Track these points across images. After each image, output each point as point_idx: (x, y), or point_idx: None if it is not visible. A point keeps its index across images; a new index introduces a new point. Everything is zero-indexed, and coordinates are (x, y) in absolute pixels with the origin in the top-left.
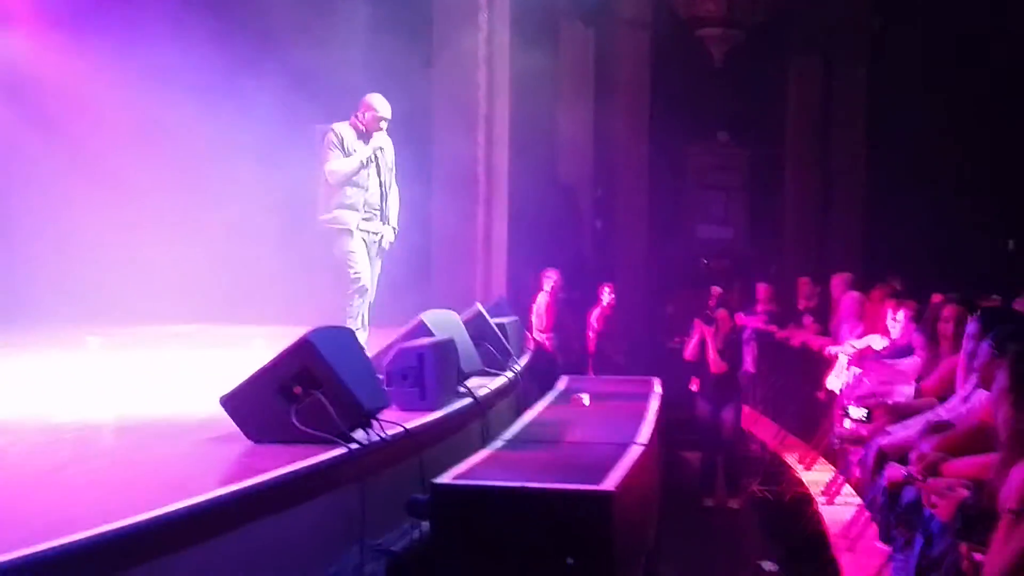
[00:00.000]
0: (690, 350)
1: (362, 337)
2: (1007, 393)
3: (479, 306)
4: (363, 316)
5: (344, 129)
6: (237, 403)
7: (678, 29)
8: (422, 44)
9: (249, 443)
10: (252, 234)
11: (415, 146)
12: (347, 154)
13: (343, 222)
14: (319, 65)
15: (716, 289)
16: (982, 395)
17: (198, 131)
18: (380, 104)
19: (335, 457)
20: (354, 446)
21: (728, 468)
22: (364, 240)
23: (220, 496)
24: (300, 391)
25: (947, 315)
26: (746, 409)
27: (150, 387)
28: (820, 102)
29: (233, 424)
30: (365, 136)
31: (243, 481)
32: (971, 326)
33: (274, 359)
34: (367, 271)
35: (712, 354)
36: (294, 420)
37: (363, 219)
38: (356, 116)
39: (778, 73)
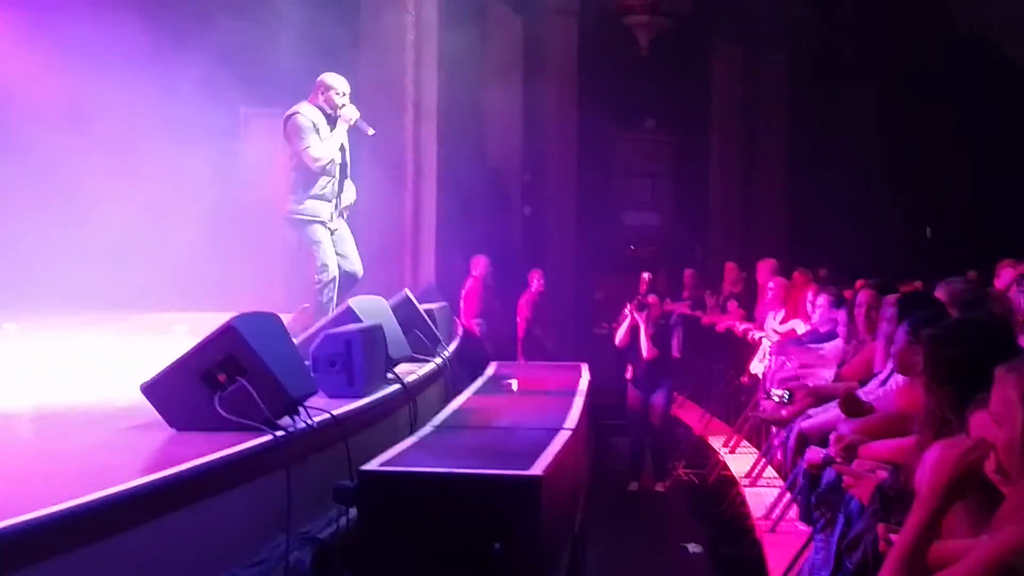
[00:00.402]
0: (621, 336)
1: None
2: (921, 377)
3: (407, 292)
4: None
5: (311, 112)
6: (159, 390)
7: (605, 17)
8: (350, 24)
9: (172, 431)
10: (175, 218)
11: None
12: (321, 138)
13: (314, 213)
14: (246, 44)
15: (647, 275)
16: (899, 379)
17: (119, 111)
18: (336, 81)
19: (260, 444)
20: (280, 433)
21: (656, 453)
22: (329, 229)
23: (141, 485)
24: (224, 378)
25: (861, 300)
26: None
27: (69, 375)
28: (744, 89)
29: (155, 412)
30: (331, 118)
31: (165, 470)
32: (888, 311)
33: (197, 345)
34: (334, 261)
35: (645, 340)
36: (218, 407)
37: (332, 209)
38: (314, 98)
39: (703, 60)
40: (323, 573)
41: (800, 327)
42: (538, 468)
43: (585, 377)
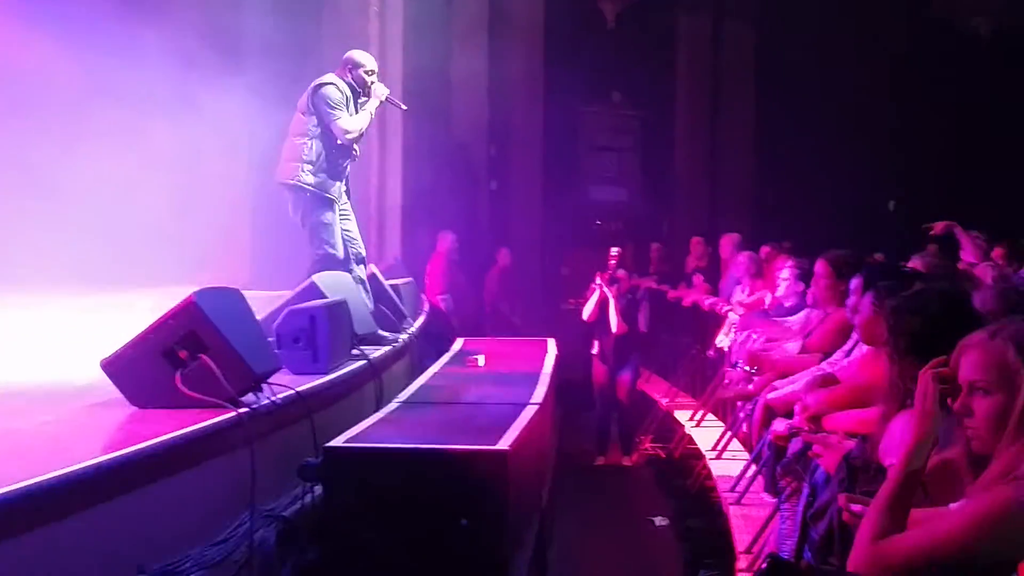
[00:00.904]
0: (590, 310)
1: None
2: (885, 347)
3: (373, 268)
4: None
5: (342, 85)
6: (119, 368)
7: None
8: None
9: (133, 409)
10: (138, 191)
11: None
12: (352, 112)
13: (325, 188)
14: (209, 11)
15: (616, 249)
16: (864, 350)
17: (79, 81)
18: (365, 58)
19: (223, 421)
20: (243, 410)
21: (622, 427)
22: (337, 207)
23: (102, 463)
24: (186, 355)
25: (818, 272)
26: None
27: (28, 353)
28: (710, 63)
29: (116, 390)
30: (356, 94)
31: (127, 447)
32: (854, 282)
33: (157, 321)
34: (340, 242)
35: (615, 315)
36: (179, 384)
37: (343, 187)
38: (342, 73)
39: (669, 34)
40: (288, 551)
41: (766, 300)
42: (504, 443)
43: (552, 352)
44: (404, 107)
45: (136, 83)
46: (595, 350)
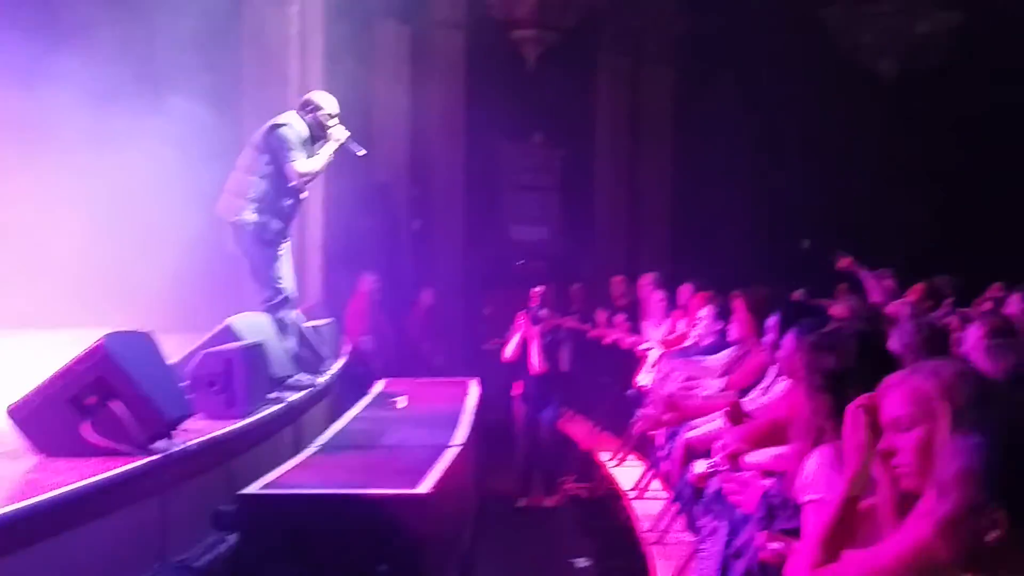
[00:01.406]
0: (510, 351)
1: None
2: (801, 383)
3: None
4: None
5: (300, 125)
6: (25, 415)
7: (493, 30)
8: (234, 26)
9: (39, 457)
10: (57, 229)
11: (225, 141)
12: (309, 154)
13: (274, 229)
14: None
15: (538, 289)
16: (782, 386)
17: None
18: (326, 100)
19: (132, 470)
20: (153, 458)
21: (544, 468)
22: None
23: (5, 514)
24: (94, 401)
25: (738, 309)
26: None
27: None
28: (630, 103)
29: (21, 437)
30: (315, 136)
31: (29, 499)
32: (772, 319)
33: (64, 366)
34: (290, 281)
35: (536, 354)
36: (88, 432)
37: (287, 228)
38: (302, 113)
39: (589, 75)
40: None
41: (684, 339)
42: (424, 486)
43: (474, 393)
44: (363, 152)
45: (46, 118)
46: (517, 391)
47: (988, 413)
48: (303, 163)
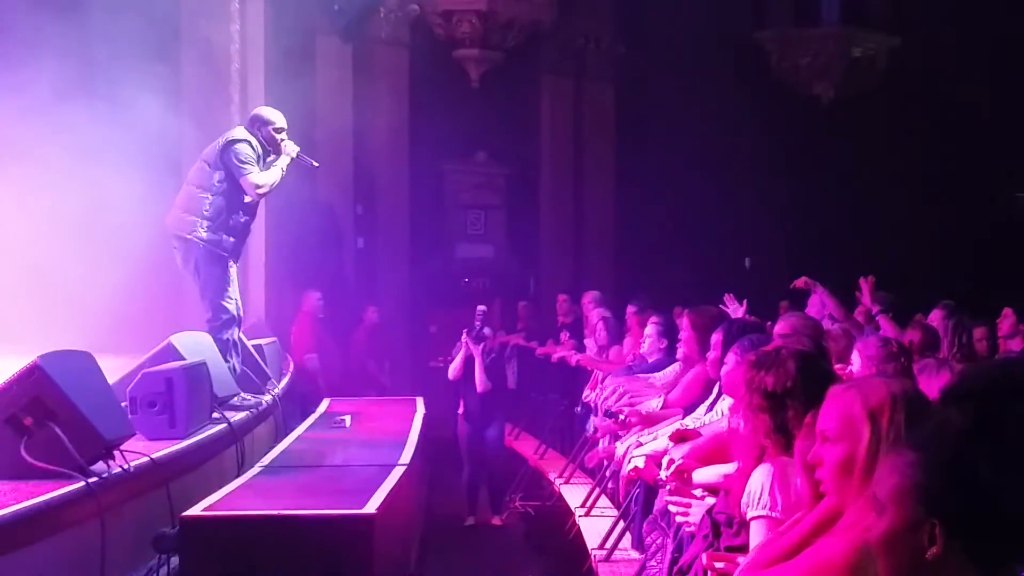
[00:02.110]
0: (455, 369)
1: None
2: (743, 401)
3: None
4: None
5: (254, 141)
6: None
7: (436, 49)
8: (170, 38)
9: None
10: None
11: (166, 160)
12: (262, 169)
13: (225, 248)
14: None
15: (481, 308)
16: (726, 404)
17: None
18: (275, 116)
19: (70, 492)
20: (93, 480)
21: (492, 486)
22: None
23: None
24: (31, 422)
25: (684, 327)
26: (508, 426)
27: None
28: (572, 121)
29: None
30: (266, 151)
31: None
32: (716, 336)
33: (1, 386)
34: (236, 302)
35: (480, 373)
36: (24, 454)
37: (240, 246)
38: (252, 129)
39: (533, 93)
40: None
41: (629, 356)
42: (371, 506)
43: (420, 412)
44: (316, 164)
45: None
46: (461, 409)
47: (922, 430)
48: (258, 176)
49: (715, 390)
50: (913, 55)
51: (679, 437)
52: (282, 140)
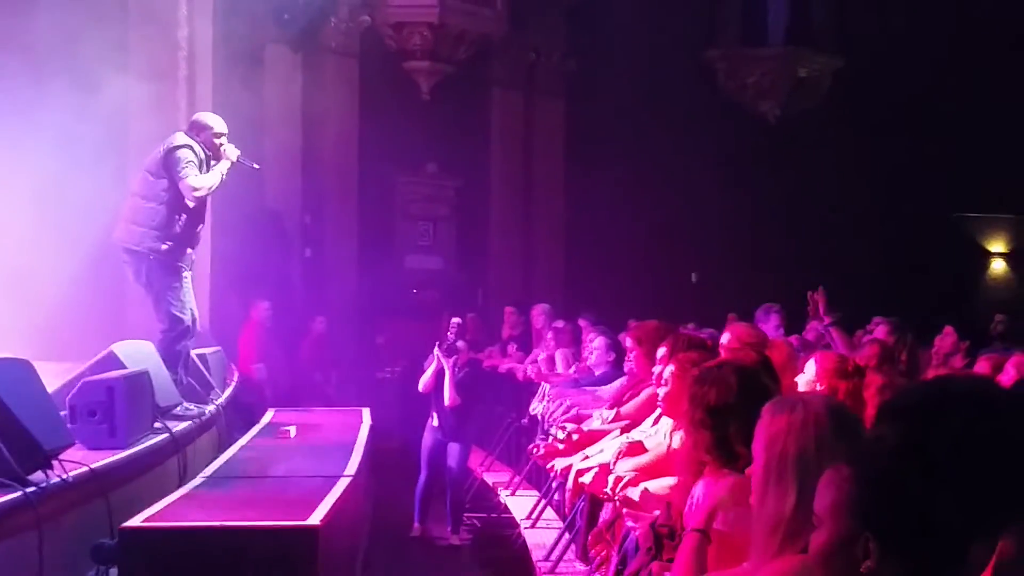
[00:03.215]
0: (426, 382)
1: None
2: (685, 416)
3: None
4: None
5: (197, 147)
6: None
7: (386, 60)
8: (118, 42)
9: None
10: None
11: (114, 168)
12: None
13: (176, 257)
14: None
15: (456, 320)
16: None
17: None
18: (215, 121)
19: (8, 502)
20: (30, 489)
21: (452, 503)
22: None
23: None
24: None
25: (631, 342)
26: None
27: None
28: (522, 134)
29: None
30: (208, 157)
31: None
32: (662, 350)
33: None
34: (190, 311)
35: (449, 387)
36: None
37: (192, 254)
38: (191, 135)
39: (483, 106)
40: None
41: (575, 368)
42: (315, 518)
43: (366, 422)
44: (256, 167)
45: None
46: (434, 421)
47: (858, 447)
48: (196, 179)
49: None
50: (857, 76)
51: (630, 449)
52: (222, 145)
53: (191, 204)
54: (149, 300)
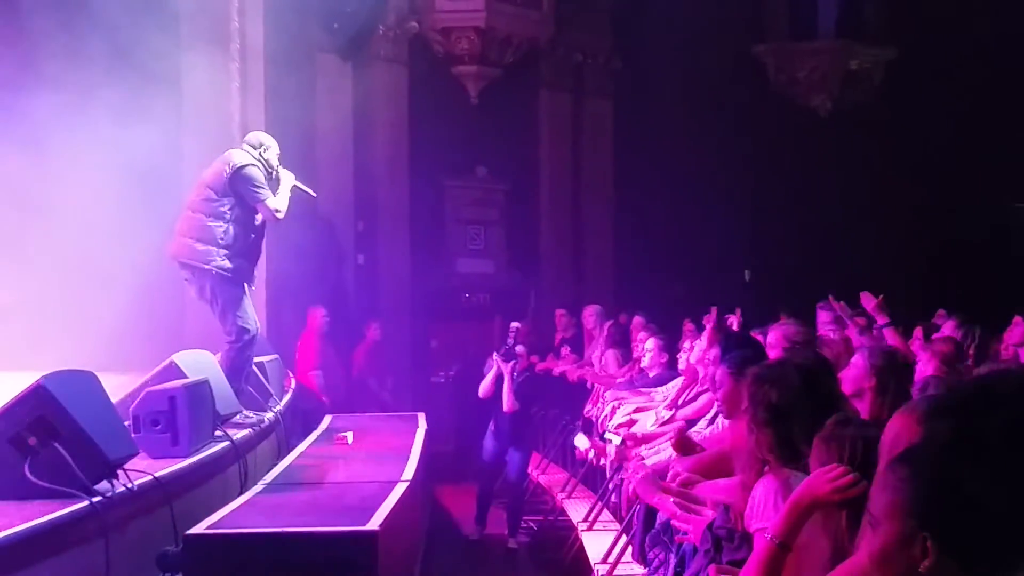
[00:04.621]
0: (486, 387)
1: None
2: (744, 415)
3: None
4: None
5: (260, 164)
6: None
7: (434, 66)
8: (170, 59)
9: None
10: None
11: (169, 180)
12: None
13: (241, 273)
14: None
15: (515, 324)
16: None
17: None
18: (271, 140)
19: (75, 512)
20: (97, 499)
21: (511, 508)
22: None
23: None
24: (35, 441)
25: (685, 339)
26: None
27: None
28: (571, 137)
29: None
30: (267, 176)
31: None
32: (713, 352)
33: (5, 406)
34: (255, 321)
35: (508, 393)
36: (29, 473)
37: (254, 268)
38: (252, 153)
39: (532, 109)
40: None
41: (630, 370)
42: (374, 523)
43: (422, 427)
44: (314, 194)
45: None
46: (492, 427)
47: (911, 447)
48: (274, 200)
49: (716, 404)
50: (910, 66)
51: (682, 444)
52: (277, 166)
53: (271, 223)
54: (215, 313)
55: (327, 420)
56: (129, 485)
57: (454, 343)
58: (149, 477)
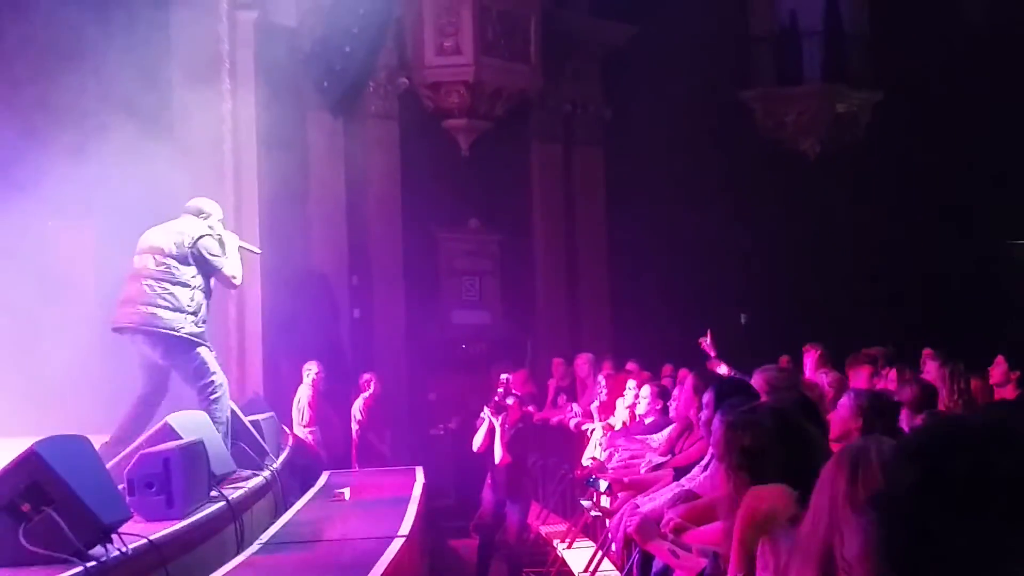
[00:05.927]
0: (479, 442)
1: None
2: (720, 462)
3: (232, 404)
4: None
5: (212, 231)
6: None
7: (426, 120)
8: (163, 122)
9: None
10: None
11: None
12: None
13: (206, 339)
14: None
15: (505, 376)
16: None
17: None
18: (216, 208)
19: None
20: (91, 564)
21: (510, 564)
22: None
23: None
24: (29, 508)
25: (683, 387)
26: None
27: None
28: (563, 186)
29: None
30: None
31: None
32: (707, 396)
33: None
34: (222, 375)
35: (499, 446)
36: (23, 540)
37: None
38: (199, 220)
39: (523, 160)
40: None
41: (625, 418)
42: None
43: (420, 481)
44: (258, 251)
45: None
46: (488, 480)
47: (880, 489)
48: (231, 267)
49: (710, 450)
50: (897, 107)
51: (685, 498)
52: (221, 231)
53: (228, 289)
54: (183, 376)
55: (324, 476)
56: (123, 549)
57: (452, 395)
58: (144, 540)
